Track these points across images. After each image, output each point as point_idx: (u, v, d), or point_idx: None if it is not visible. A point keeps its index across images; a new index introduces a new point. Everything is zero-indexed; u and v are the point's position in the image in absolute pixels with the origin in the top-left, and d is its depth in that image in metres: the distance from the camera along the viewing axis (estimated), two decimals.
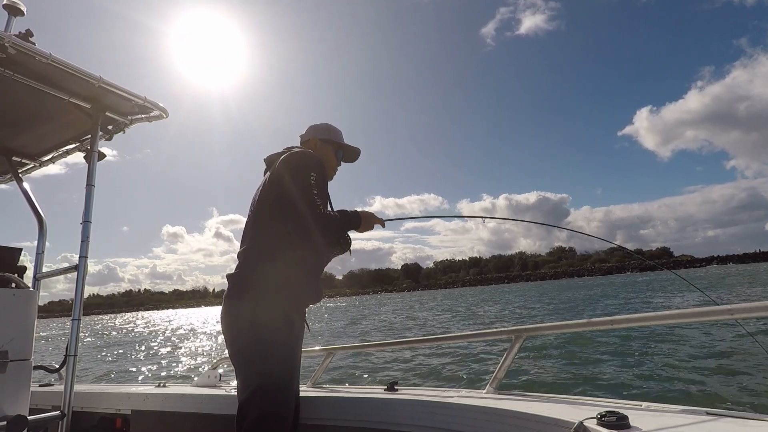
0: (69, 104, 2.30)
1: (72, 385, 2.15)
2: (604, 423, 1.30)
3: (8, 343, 1.98)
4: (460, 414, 1.78)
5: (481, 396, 1.92)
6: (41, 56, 1.96)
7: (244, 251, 1.96)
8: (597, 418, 1.35)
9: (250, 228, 1.99)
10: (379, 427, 1.99)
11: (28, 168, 2.98)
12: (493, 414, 1.68)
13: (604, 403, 1.64)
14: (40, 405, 2.78)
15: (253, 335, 1.82)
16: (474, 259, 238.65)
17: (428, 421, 1.87)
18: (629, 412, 1.39)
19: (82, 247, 2.30)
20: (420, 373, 8.20)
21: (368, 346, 2.94)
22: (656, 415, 1.43)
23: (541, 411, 1.56)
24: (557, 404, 1.67)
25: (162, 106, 2.48)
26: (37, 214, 2.77)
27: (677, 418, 1.38)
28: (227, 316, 1.92)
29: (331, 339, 16.56)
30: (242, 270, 1.92)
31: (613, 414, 1.33)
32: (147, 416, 2.64)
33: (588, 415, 1.39)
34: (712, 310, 1.55)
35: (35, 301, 2.17)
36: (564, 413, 1.50)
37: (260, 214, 1.97)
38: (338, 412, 2.12)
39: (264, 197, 1.98)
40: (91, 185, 2.40)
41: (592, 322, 1.87)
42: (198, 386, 2.78)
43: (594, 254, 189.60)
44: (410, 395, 2.03)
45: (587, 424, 1.34)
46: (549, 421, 1.50)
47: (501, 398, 1.84)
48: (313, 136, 2.26)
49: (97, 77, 2.18)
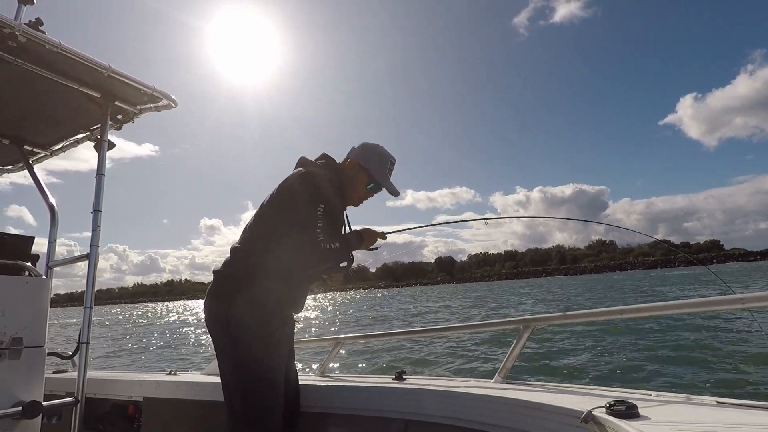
0: (79, 93, 2.31)
1: (85, 371, 2.18)
2: (613, 412, 1.30)
3: (22, 330, 2.01)
4: (468, 403, 1.78)
5: (489, 385, 1.92)
6: (51, 45, 1.97)
7: (236, 249, 1.99)
8: (606, 407, 1.34)
9: (249, 228, 2.01)
10: (388, 416, 2.00)
11: (40, 157, 3.00)
12: (502, 403, 1.68)
13: (613, 393, 1.63)
14: (54, 391, 2.82)
15: (228, 334, 1.89)
16: (509, 253, 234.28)
17: (437, 410, 1.87)
18: (639, 401, 1.38)
19: (93, 236, 2.32)
20: (428, 362, 8.23)
21: (377, 336, 2.95)
22: (665, 404, 1.42)
23: (550, 400, 1.56)
24: (566, 394, 1.66)
25: (171, 96, 2.48)
26: (48, 204, 2.80)
27: (687, 407, 1.38)
28: (207, 312, 1.97)
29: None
30: (227, 269, 1.97)
31: (622, 403, 1.32)
32: (158, 403, 2.67)
33: (597, 404, 1.38)
34: (724, 300, 1.54)
35: (48, 288, 2.20)
36: (573, 402, 1.49)
37: (262, 222, 1.99)
38: (346, 401, 2.14)
39: (270, 209, 1.99)
40: (101, 174, 2.41)
41: (602, 312, 1.86)
42: (208, 374, 2.81)
43: (636, 248, 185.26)
44: (418, 384, 2.04)
45: (596, 413, 1.33)
46: (557, 410, 1.49)
47: (509, 388, 1.84)
48: (354, 160, 2.17)
49: (107, 66, 2.18)
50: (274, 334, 1.93)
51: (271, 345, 1.92)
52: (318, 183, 1.94)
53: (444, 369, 7.64)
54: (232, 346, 1.89)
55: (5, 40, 1.89)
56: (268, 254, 1.89)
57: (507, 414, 1.65)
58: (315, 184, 1.93)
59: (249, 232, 2.00)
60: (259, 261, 1.90)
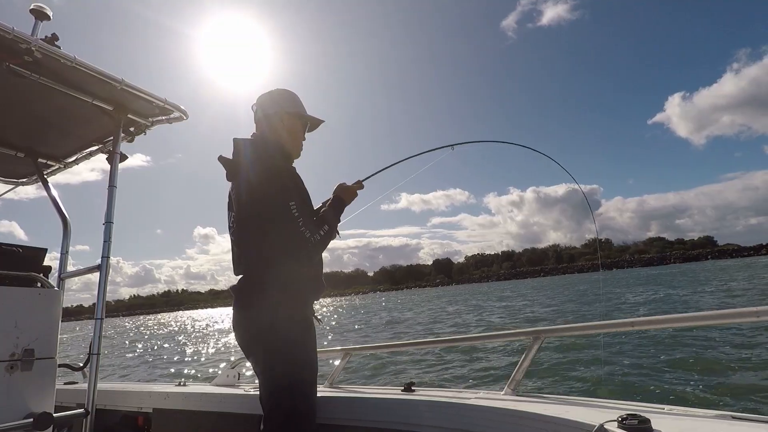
0: (92, 106, 2.35)
1: (95, 383, 2.19)
2: (626, 426, 1.28)
3: (34, 341, 2.02)
4: (477, 415, 1.76)
5: (499, 397, 1.90)
6: (66, 59, 2.01)
7: (240, 262, 1.94)
8: (618, 420, 1.32)
9: (239, 244, 1.95)
10: (396, 428, 1.99)
11: (53, 169, 3.05)
12: (512, 416, 1.66)
13: (626, 406, 1.61)
14: (65, 402, 2.84)
15: (273, 339, 1.82)
16: (506, 253, 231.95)
17: (445, 422, 1.85)
18: (651, 415, 1.36)
19: (104, 248, 2.34)
20: (437, 374, 8.17)
21: (385, 347, 2.94)
22: (679, 418, 1.40)
23: (561, 413, 1.54)
24: (577, 407, 1.64)
25: (182, 108, 2.52)
26: (61, 215, 2.84)
27: (702, 422, 1.35)
28: (244, 323, 1.91)
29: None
30: (247, 279, 1.92)
31: (634, 417, 1.30)
32: (168, 414, 2.68)
33: (609, 418, 1.36)
34: (737, 312, 1.52)
35: (60, 300, 2.22)
36: (584, 416, 1.47)
37: (246, 230, 1.91)
38: (355, 413, 2.13)
39: (246, 216, 1.90)
40: (113, 186, 2.44)
41: (612, 324, 1.84)
42: (217, 385, 2.81)
43: (632, 245, 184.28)
44: (427, 396, 2.02)
45: (608, 428, 1.31)
46: (568, 423, 1.47)
47: (519, 400, 1.82)
48: (279, 109, 2.05)
49: (119, 80, 2.22)
50: (309, 327, 1.94)
51: (312, 343, 1.92)
52: (278, 186, 1.84)
53: (453, 380, 7.58)
54: (282, 349, 1.83)
55: (22, 55, 1.93)
56: (270, 267, 1.85)
57: (517, 427, 1.63)
58: (274, 187, 1.84)
59: (242, 246, 1.94)
60: (270, 259, 1.84)
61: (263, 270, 1.86)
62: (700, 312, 1.58)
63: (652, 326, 1.79)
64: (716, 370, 6.71)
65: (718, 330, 9.74)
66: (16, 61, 1.96)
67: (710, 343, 8.70)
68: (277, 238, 1.83)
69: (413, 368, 8.83)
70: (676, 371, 6.85)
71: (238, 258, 1.96)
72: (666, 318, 1.69)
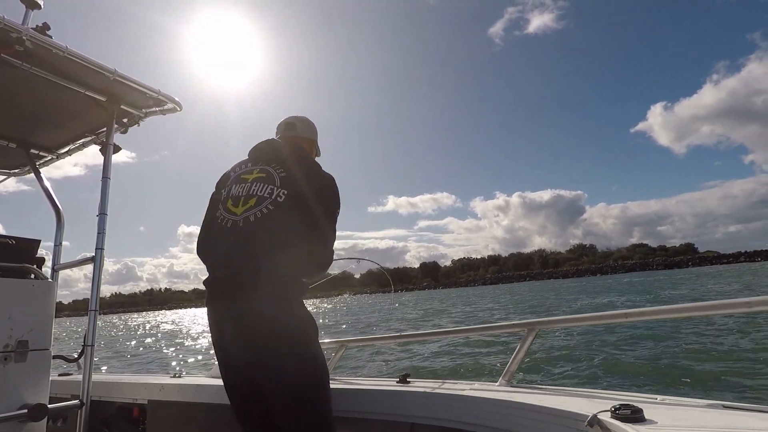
0: (85, 97, 2.33)
1: (90, 374, 2.19)
2: (619, 416, 1.29)
3: (28, 333, 2.01)
4: (472, 407, 1.78)
5: (494, 389, 1.91)
6: (58, 49, 1.98)
7: (257, 248, 1.70)
8: (611, 411, 1.33)
9: (266, 228, 1.71)
10: (393, 420, 2.00)
11: (46, 161, 3.02)
12: (506, 407, 1.67)
13: (619, 396, 1.62)
14: (60, 394, 2.83)
15: (298, 333, 1.69)
16: (492, 257, 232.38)
17: (441, 413, 1.86)
18: (644, 405, 1.37)
19: (98, 239, 2.33)
20: (433, 365, 8.21)
21: (380, 339, 2.93)
22: (672, 408, 1.41)
23: (555, 404, 1.55)
24: (571, 397, 1.65)
25: (176, 99, 2.50)
26: (55, 207, 2.82)
27: (693, 411, 1.36)
28: (260, 317, 1.63)
29: None
30: (256, 269, 1.66)
31: (627, 407, 1.31)
32: (163, 406, 2.68)
33: (602, 408, 1.37)
34: (730, 303, 1.53)
35: (54, 291, 2.21)
36: (578, 406, 1.48)
37: (289, 219, 1.74)
38: (351, 404, 2.13)
39: (287, 214, 1.73)
40: (106, 178, 2.43)
41: (606, 315, 1.85)
42: (212, 377, 2.82)
43: (616, 251, 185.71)
44: (423, 388, 2.03)
45: (601, 417, 1.32)
46: (562, 414, 1.49)
47: (514, 391, 1.84)
48: (316, 138, 2.16)
49: (112, 70, 2.20)
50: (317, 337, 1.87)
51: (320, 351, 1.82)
52: (336, 196, 1.87)
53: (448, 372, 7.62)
54: (307, 349, 1.71)
55: (12, 45, 1.90)
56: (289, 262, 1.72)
57: (512, 418, 1.64)
58: (334, 197, 1.85)
59: (269, 233, 1.73)
60: (283, 247, 1.70)
61: (286, 263, 1.70)
62: (693, 303, 1.59)
63: (646, 317, 1.79)
64: (708, 360, 6.78)
65: (710, 320, 9.84)
66: (8, 50, 1.93)
67: (703, 334, 8.79)
68: (314, 242, 1.75)
69: (409, 360, 8.87)
70: (669, 361, 6.92)
71: (256, 242, 1.70)
72: (659, 309, 1.70)
